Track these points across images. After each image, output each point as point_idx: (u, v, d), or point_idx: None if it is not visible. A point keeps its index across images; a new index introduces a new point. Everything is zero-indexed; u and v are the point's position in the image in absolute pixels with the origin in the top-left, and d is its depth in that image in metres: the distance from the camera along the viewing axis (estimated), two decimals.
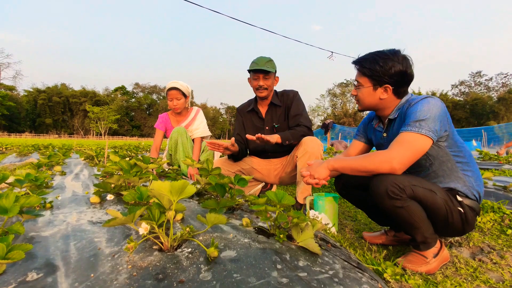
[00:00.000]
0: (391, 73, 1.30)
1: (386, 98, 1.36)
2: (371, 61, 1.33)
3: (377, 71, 1.31)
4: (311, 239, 0.84)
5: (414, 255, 1.26)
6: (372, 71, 1.33)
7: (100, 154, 3.24)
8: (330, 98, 70.45)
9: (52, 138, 51.77)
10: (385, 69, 1.30)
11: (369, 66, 1.34)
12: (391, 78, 1.31)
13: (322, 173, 1.32)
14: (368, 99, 1.40)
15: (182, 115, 3.02)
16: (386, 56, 1.31)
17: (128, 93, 79.52)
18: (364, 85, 1.38)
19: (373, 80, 1.35)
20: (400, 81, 1.32)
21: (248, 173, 2.32)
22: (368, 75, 1.35)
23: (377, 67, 1.31)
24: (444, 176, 1.29)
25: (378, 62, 1.31)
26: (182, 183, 0.74)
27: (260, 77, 2.09)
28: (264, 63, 2.07)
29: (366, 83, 1.37)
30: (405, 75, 1.31)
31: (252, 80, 2.14)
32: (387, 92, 1.35)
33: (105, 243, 0.81)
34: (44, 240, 0.84)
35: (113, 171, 1.52)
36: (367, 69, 1.34)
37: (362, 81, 1.39)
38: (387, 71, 1.30)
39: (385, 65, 1.30)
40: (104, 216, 1.08)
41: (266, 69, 2.04)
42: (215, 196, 1.46)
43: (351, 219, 2.09)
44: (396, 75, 1.30)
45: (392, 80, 1.31)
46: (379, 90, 1.35)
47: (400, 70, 1.29)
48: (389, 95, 1.35)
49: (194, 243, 0.80)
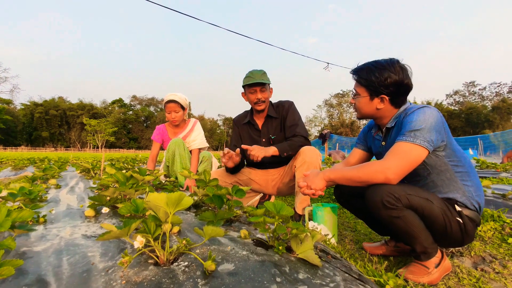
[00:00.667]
0: (387, 84, 1.30)
1: (383, 108, 1.36)
2: (367, 72, 1.34)
3: (372, 81, 1.32)
4: (311, 250, 0.82)
5: (416, 266, 1.24)
6: (368, 81, 1.34)
7: (96, 167, 3.21)
8: (327, 109, 70.95)
9: (48, 151, 51.45)
10: (380, 80, 1.30)
11: (365, 77, 1.34)
12: (386, 88, 1.31)
13: (318, 183, 1.32)
14: (365, 108, 1.40)
15: (180, 126, 3.01)
16: (382, 67, 1.31)
17: (126, 105, 79.66)
18: (361, 95, 1.39)
19: (369, 90, 1.35)
20: (397, 91, 1.32)
21: (245, 184, 2.30)
22: (365, 85, 1.36)
23: (372, 77, 1.32)
24: (442, 186, 1.28)
25: (374, 72, 1.31)
26: (178, 194, 0.72)
27: (257, 90, 2.09)
28: (260, 76, 2.07)
29: (363, 92, 1.38)
30: (401, 86, 1.31)
31: (249, 94, 2.14)
32: (383, 102, 1.35)
33: (99, 258, 0.78)
34: (36, 255, 0.82)
35: (109, 183, 1.49)
36: (363, 80, 1.35)
37: (359, 90, 1.39)
38: (383, 82, 1.30)
39: (380, 76, 1.30)
40: (98, 229, 1.05)
41: (263, 81, 2.04)
42: (212, 208, 1.43)
43: (351, 230, 2.07)
44: (392, 85, 1.30)
45: (388, 91, 1.31)
46: (375, 100, 1.36)
47: (396, 80, 1.29)
48: (386, 105, 1.36)
49: (191, 257, 0.78)
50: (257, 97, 2.09)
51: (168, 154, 2.78)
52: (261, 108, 2.14)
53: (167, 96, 2.85)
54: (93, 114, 70.26)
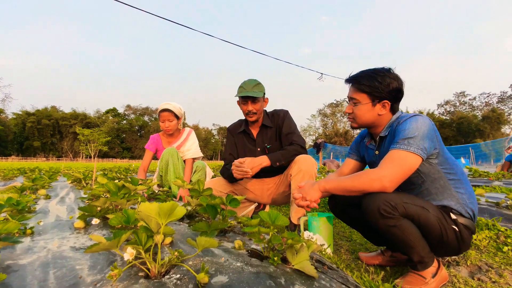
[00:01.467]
0: (390, 89, 1.32)
1: (384, 114, 1.37)
2: (368, 78, 1.35)
3: (376, 87, 1.33)
4: (307, 261, 0.80)
5: (413, 276, 1.22)
6: (371, 87, 1.34)
7: (88, 177, 3.16)
8: (321, 118, 71.61)
9: (39, 161, 50.62)
10: (383, 85, 1.32)
11: (368, 83, 1.35)
12: (389, 93, 1.33)
13: (313, 195, 1.31)
14: (366, 115, 1.39)
15: (174, 136, 2.99)
16: (382, 73, 1.34)
17: (120, 115, 79.28)
18: (362, 102, 1.38)
19: (372, 96, 1.35)
20: (396, 97, 1.35)
21: (240, 193, 2.27)
22: (367, 92, 1.36)
23: (376, 83, 1.33)
24: (437, 193, 1.28)
25: (376, 78, 1.33)
26: (171, 204, 0.70)
27: (249, 103, 2.07)
28: (252, 87, 2.05)
29: (365, 99, 1.37)
30: (400, 91, 1.35)
31: (241, 105, 2.13)
32: (385, 108, 1.36)
33: (87, 271, 0.75)
34: (21, 269, 0.78)
35: (100, 193, 1.46)
36: (366, 86, 1.35)
37: (360, 97, 1.38)
38: (386, 87, 1.32)
39: (383, 81, 1.32)
40: (88, 241, 1.02)
41: (254, 95, 2.02)
42: (206, 218, 1.41)
43: (346, 239, 2.05)
44: (394, 91, 1.33)
45: (391, 96, 1.34)
46: (378, 105, 1.36)
47: (397, 86, 1.33)
48: (387, 111, 1.37)
49: (184, 269, 0.75)
50: (248, 109, 2.08)
51: (162, 163, 2.75)
52: (252, 119, 2.13)
53: (161, 105, 2.84)
54: (86, 123, 69.68)
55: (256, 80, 2.11)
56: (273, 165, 1.93)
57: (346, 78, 1.44)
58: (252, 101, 2.07)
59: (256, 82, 2.09)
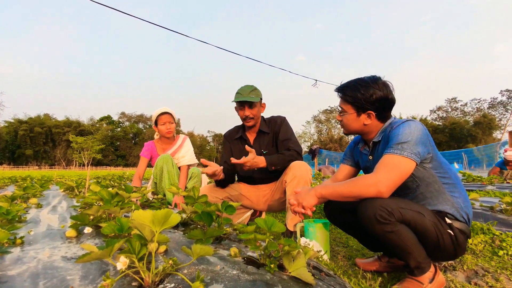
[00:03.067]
0: (373, 100, 1.33)
1: (370, 124, 1.39)
2: (352, 89, 1.37)
3: (358, 98, 1.35)
4: (304, 268, 0.79)
5: (410, 282, 1.21)
6: (354, 98, 1.36)
7: (81, 185, 3.11)
8: (315, 125, 71.93)
9: (32, 169, 49.83)
10: (366, 96, 1.33)
11: (351, 94, 1.37)
12: (372, 104, 1.34)
13: (310, 201, 1.30)
14: (352, 125, 1.42)
15: (169, 142, 2.97)
16: (366, 84, 1.35)
17: (114, 122, 78.74)
18: (348, 112, 1.41)
19: (356, 107, 1.38)
20: (382, 107, 1.35)
21: (236, 199, 2.26)
22: (351, 102, 1.38)
23: (358, 94, 1.35)
24: (432, 198, 1.28)
25: (359, 89, 1.35)
26: (165, 212, 0.69)
27: (246, 108, 2.08)
28: (248, 92, 2.06)
29: (350, 109, 1.40)
30: (386, 101, 1.35)
31: (239, 110, 2.14)
32: (370, 118, 1.38)
33: (79, 281, 0.73)
34: (10, 280, 0.76)
35: (93, 201, 1.44)
36: (349, 97, 1.38)
37: (346, 108, 1.42)
38: (369, 99, 1.33)
39: (366, 92, 1.33)
40: (79, 251, 1.00)
41: (250, 100, 2.03)
42: (201, 226, 1.39)
43: (343, 245, 2.03)
44: (378, 101, 1.34)
45: (374, 107, 1.35)
46: (362, 116, 1.38)
47: (381, 96, 1.33)
48: (373, 121, 1.38)
49: (178, 277, 0.73)
50: (245, 114, 2.09)
51: (156, 170, 2.72)
52: (249, 125, 2.14)
53: (159, 109, 2.84)
54: (80, 131, 68.91)
55: (252, 86, 2.12)
56: (268, 167, 1.92)
57: (335, 88, 1.47)
58: (249, 106, 2.08)
59: (253, 88, 2.10)
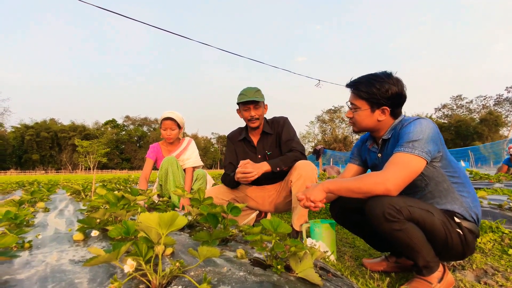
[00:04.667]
0: (388, 95, 1.31)
1: (383, 120, 1.36)
2: (367, 84, 1.34)
3: (374, 93, 1.32)
4: (311, 269, 0.78)
5: (419, 281, 1.20)
6: (369, 94, 1.33)
7: (87, 189, 3.13)
8: (319, 125, 71.70)
9: (38, 174, 50.36)
10: (382, 91, 1.30)
11: (365, 89, 1.34)
12: (388, 100, 1.32)
13: (318, 195, 1.28)
14: (365, 121, 1.39)
15: (174, 145, 2.98)
16: (381, 79, 1.32)
17: (119, 126, 79.33)
18: (361, 108, 1.38)
19: (370, 102, 1.35)
20: (396, 102, 1.33)
21: (242, 201, 2.26)
22: (365, 98, 1.35)
23: (374, 89, 1.31)
24: (440, 197, 1.27)
25: (375, 84, 1.32)
26: (171, 214, 0.69)
27: (251, 108, 2.09)
28: (253, 93, 2.08)
29: (363, 105, 1.37)
30: (400, 96, 1.33)
31: (243, 112, 2.14)
32: (384, 114, 1.35)
33: (87, 284, 0.74)
34: (19, 284, 0.76)
35: (99, 205, 1.44)
36: (364, 92, 1.34)
37: (359, 103, 1.38)
38: (385, 93, 1.31)
39: (381, 87, 1.30)
40: (87, 254, 1.00)
41: (256, 99, 2.05)
42: (207, 228, 1.39)
43: (349, 246, 2.02)
44: (393, 97, 1.31)
45: (390, 102, 1.32)
46: (377, 112, 1.35)
47: (397, 91, 1.31)
48: (387, 117, 1.36)
49: (185, 280, 0.73)
50: (251, 115, 2.10)
51: (161, 172, 2.74)
52: (255, 125, 2.14)
53: (164, 113, 2.85)
54: (85, 135, 69.57)
55: (256, 87, 2.14)
56: (273, 170, 1.93)
57: (347, 83, 1.44)
58: (255, 106, 2.10)
59: (256, 89, 2.13)
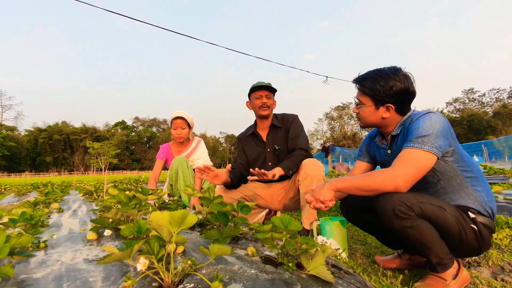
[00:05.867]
0: (392, 93, 1.27)
1: (388, 117, 1.33)
2: (371, 81, 1.31)
3: (378, 90, 1.28)
4: (323, 266, 0.78)
5: (433, 278, 1.18)
6: (373, 90, 1.30)
7: (99, 189, 3.19)
8: (328, 122, 71.21)
9: (52, 176, 51.49)
10: (386, 88, 1.27)
11: (369, 86, 1.31)
12: (392, 97, 1.28)
13: (327, 195, 1.27)
14: (370, 118, 1.37)
15: (184, 145, 3.01)
16: (386, 76, 1.28)
17: (128, 127, 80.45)
18: (365, 104, 1.35)
19: (374, 99, 1.32)
20: (402, 99, 1.29)
21: (251, 199, 2.26)
22: (370, 95, 1.32)
23: (378, 86, 1.28)
24: (453, 192, 1.24)
25: (379, 81, 1.28)
26: (182, 213, 0.70)
27: (263, 95, 2.13)
28: (267, 83, 2.14)
29: (368, 102, 1.34)
30: (407, 93, 1.28)
31: (254, 100, 2.17)
32: (389, 111, 1.32)
33: (101, 283, 0.75)
34: (35, 283, 0.78)
35: (111, 204, 1.47)
36: (368, 89, 1.31)
37: (364, 100, 1.36)
38: (388, 91, 1.27)
39: (386, 84, 1.27)
40: (100, 253, 1.02)
41: (269, 86, 2.11)
42: (217, 226, 1.40)
43: (361, 243, 2.00)
44: (398, 94, 1.27)
45: (394, 100, 1.29)
46: (381, 109, 1.33)
47: (402, 88, 1.27)
48: (392, 114, 1.32)
49: (197, 278, 0.74)
50: (263, 101, 2.13)
51: (172, 172, 2.77)
52: (265, 113, 2.15)
53: (175, 113, 2.88)
54: (96, 137, 70.83)
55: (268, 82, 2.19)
56: (286, 173, 1.93)
57: (353, 79, 1.41)
58: (267, 95, 2.14)
59: (269, 82, 2.18)
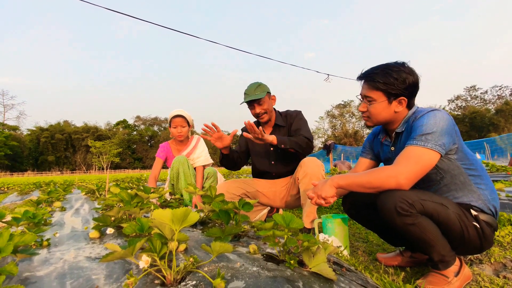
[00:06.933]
0: (406, 85, 1.27)
1: (400, 111, 1.32)
2: (383, 74, 1.29)
3: (392, 83, 1.27)
4: (324, 263, 0.78)
5: (435, 276, 1.18)
6: (386, 84, 1.28)
7: (101, 188, 3.20)
8: (329, 120, 71.10)
9: (54, 175, 51.72)
10: (399, 81, 1.26)
11: (382, 80, 1.28)
12: (406, 90, 1.27)
13: (328, 191, 1.27)
14: (382, 113, 1.34)
15: (183, 143, 3.01)
16: (397, 68, 1.28)
17: (130, 126, 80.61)
18: (377, 100, 1.32)
19: (387, 93, 1.30)
20: (413, 92, 1.30)
21: (253, 196, 2.26)
22: (383, 89, 1.29)
23: (391, 79, 1.27)
24: (456, 190, 1.23)
25: (392, 74, 1.27)
26: (184, 210, 0.70)
27: (255, 106, 2.11)
28: (254, 90, 2.08)
29: (380, 97, 1.31)
30: (417, 86, 1.29)
31: (250, 110, 2.18)
32: (402, 105, 1.31)
33: (104, 280, 0.75)
34: (39, 280, 0.79)
35: (113, 203, 1.47)
36: (381, 83, 1.29)
37: (375, 95, 1.32)
38: (403, 83, 1.26)
39: (399, 77, 1.26)
40: (103, 251, 1.02)
41: (256, 98, 2.05)
42: (219, 224, 1.40)
43: (363, 241, 2.00)
44: (411, 86, 1.27)
45: (407, 92, 1.28)
46: (394, 103, 1.31)
47: (413, 81, 1.27)
48: (403, 107, 1.32)
49: (199, 275, 0.74)
50: (256, 112, 2.12)
51: (172, 172, 2.77)
52: (264, 120, 2.16)
53: (173, 111, 2.88)
54: (98, 136, 71.05)
55: (257, 82, 2.15)
56: (278, 145, 1.92)
57: (359, 75, 1.38)
58: (257, 103, 2.10)
59: (257, 84, 2.13)
